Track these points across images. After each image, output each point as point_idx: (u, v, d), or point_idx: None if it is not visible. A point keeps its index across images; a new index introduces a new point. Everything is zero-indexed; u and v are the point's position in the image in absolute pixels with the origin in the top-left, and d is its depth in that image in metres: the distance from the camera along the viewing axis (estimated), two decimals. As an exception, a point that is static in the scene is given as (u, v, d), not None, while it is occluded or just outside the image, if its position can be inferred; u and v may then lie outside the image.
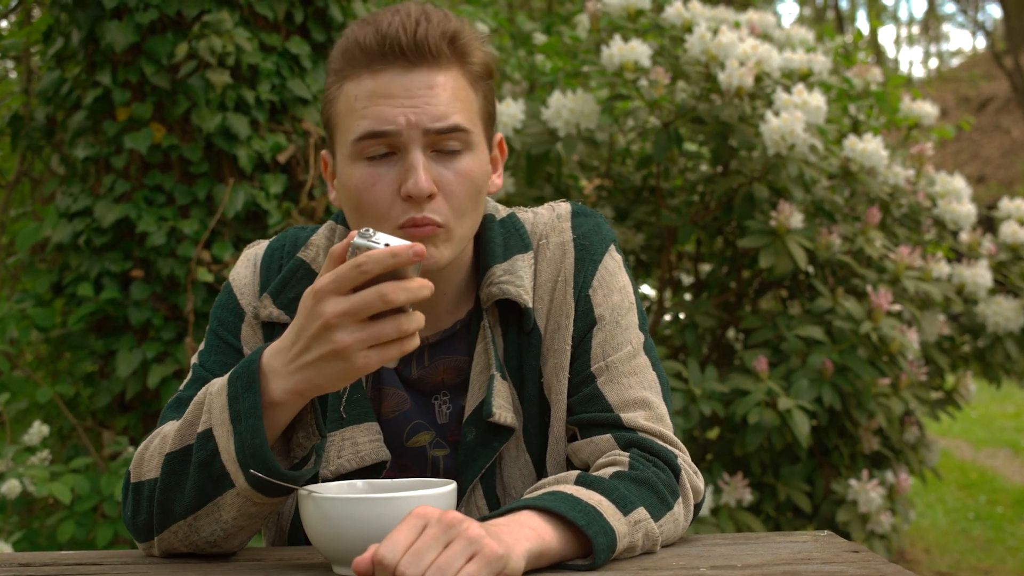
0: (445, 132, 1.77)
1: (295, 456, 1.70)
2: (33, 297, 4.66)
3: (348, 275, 1.51)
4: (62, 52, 4.73)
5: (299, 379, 1.58)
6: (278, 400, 1.61)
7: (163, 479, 1.70)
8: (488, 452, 1.86)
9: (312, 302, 1.55)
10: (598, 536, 1.60)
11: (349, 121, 1.79)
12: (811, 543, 1.80)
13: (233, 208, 4.46)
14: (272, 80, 4.62)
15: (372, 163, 1.78)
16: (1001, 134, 22.45)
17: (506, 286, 1.87)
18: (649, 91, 4.44)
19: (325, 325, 1.53)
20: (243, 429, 1.61)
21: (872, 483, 4.38)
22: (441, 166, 1.79)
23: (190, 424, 1.69)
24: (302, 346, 1.57)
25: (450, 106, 1.78)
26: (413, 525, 1.44)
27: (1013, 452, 10.62)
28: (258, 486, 1.64)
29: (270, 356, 1.62)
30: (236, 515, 1.69)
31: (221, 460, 1.64)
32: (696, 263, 5.31)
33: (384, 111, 1.76)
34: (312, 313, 1.55)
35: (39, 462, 4.17)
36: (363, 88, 1.78)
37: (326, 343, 1.54)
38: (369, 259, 1.50)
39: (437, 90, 1.77)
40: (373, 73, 1.77)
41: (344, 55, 1.80)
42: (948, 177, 4.98)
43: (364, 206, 1.79)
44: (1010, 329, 4.77)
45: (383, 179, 1.78)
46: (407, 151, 1.77)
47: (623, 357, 1.89)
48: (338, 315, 1.52)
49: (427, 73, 1.77)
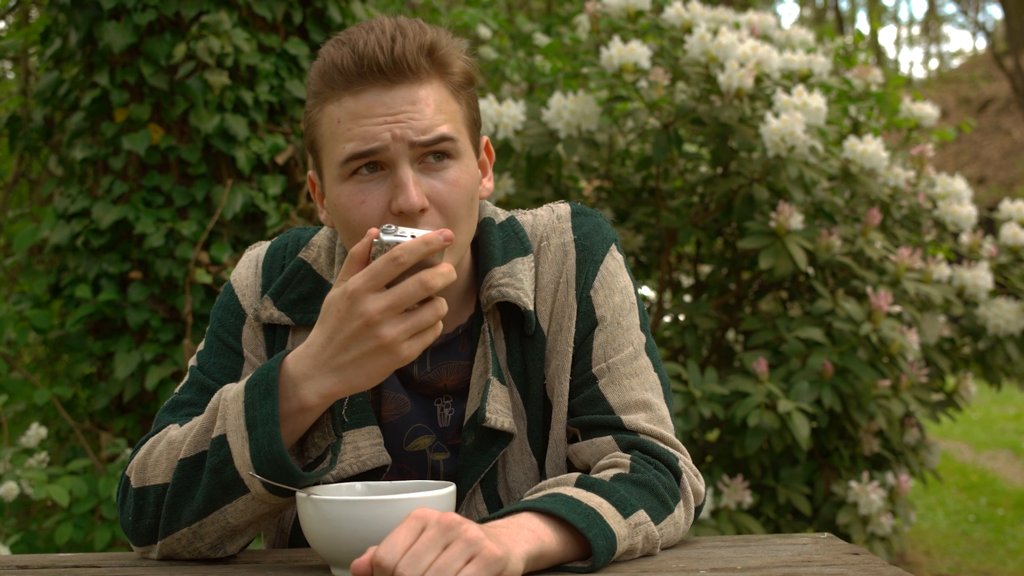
0: (431, 143, 1.77)
1: (309, 457, 1.72)
2: (31, 299, 4.66)
3: (384, 270, 1.55)
4: (60, 53, 4.72)
5: (335, 380, 1.62)
6: (310, 404, 1.64)
7: (175, 484, 1.71)
8: (487, 457, 1.86)
9: (347, 303, 1.58)
10: (598, 539, 1.60)
11: (334, 144, 1.78)
12: (811, 545, 1.80)
13: (231, 209, 4.45)
14: (271, 81, 4.61)
15: (360, 181, 1.77)
16: (1002, 135, 22.45)
17: (505, 288, 1.87)
18: (649, 92, 4.43)
19: (368, 323, 1.56)
20: (260, 435, 1.62)
21: (872, 485, 4.37)
22: (431, 178, 1.78)
23: (205, 430, 1.70)
24: (337, 347, 1.60)
25: (434, 118, 1.77)
26: (412, 527, 1.44)
27: (1014, 454, 10.61)
28: (273, 489, 1.65)
29: (296, 362, 1.64)
30: (247, 519, 1.71)
31: (234, 466, 1.65)
32: (696, 264, 5.30)
33: (368, 130, 1.75)
34: (350, 314, 1.57)
35: (37, 464, 4.16)
36: (345, 110, 1.76)
37: (370, 340, 1.57)
38: (405, 251, 1.54)
39: (420, 104, 1.76)
40: (354, 94, 1.76)
41: (323, 77, 1.79)
42: (949, 179, 4.97)
43: (355, 224, 1.78)
44: (1010, 331, 4.76)
45: (372, 196, 1.77)
46: (395, 167, 1.76)
47: (624, 358, 1.88)
48: (381, 311, 1.56)
49: (408, 89, 1.76)
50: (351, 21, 4.88)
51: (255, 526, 1.75)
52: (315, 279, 1.92)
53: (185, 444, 1.71)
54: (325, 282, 1.92)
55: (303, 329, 1.90)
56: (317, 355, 1.62)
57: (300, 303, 1.90)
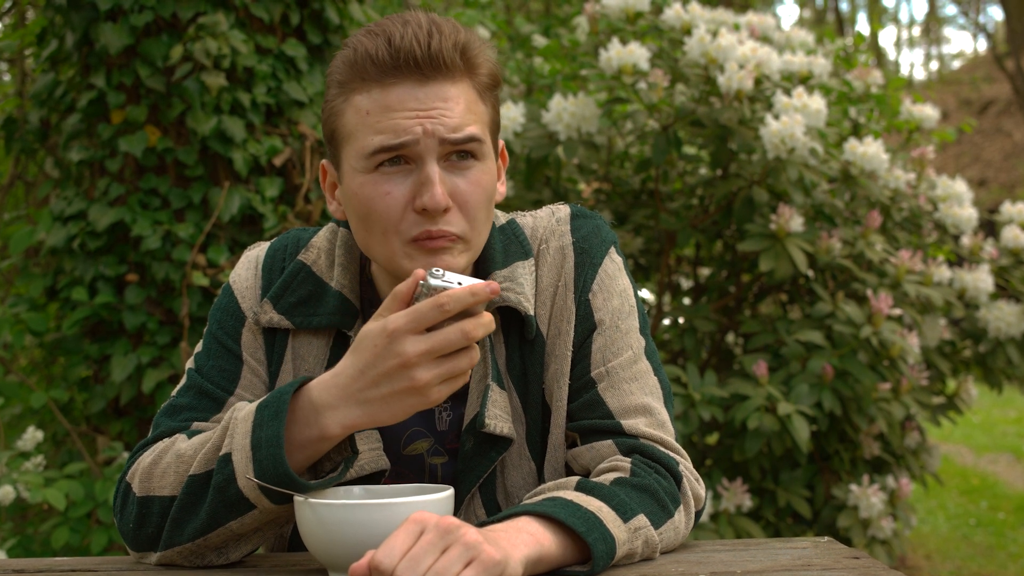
0: (461, 142, 1.77)
1: (322, 471, 1.73)
2: (27, 301, 4.64)
3: (428, 315, 1.55)
4: (56, 54, 4.70)
5: (360, 413, 1.62)
6: (331, 434, 1.64)
7: (182, 499, 1.71)
8: (486, 462, 1.85)
9: (386, 341, 1.57)
10: (597, 543, 1.60)
11: (361, 134, 1.77)
12: (811, 549, 1.80)
13: (228, 212, 4.43)
14: (268, 83, 4.59)
15: (385, 174, 1.76)
16: (1003, 137, 22.44)
17: (506, 293, 1.86)
18: (648, 94, 4.42)
19: (404, 364, 1.56)
20: (263, 457, 1.62)
21: (873, 488, 4.36)
22: (455, 176, 1.78)
23: (216, 449, 1.70)
24: (368, 382, 1.60)
25: (464, 117, 1.77)
26: (410, 531, 1.44)
27: (1015, 458, 10.61)
28: (279, 500, 1.66)
29: (323, 390, 1.64)
30: (251, 527, 1.71)
31: (237, 485, 1.66)
32: (695, 267, 5.29)
33: (399, 123, 1.74)
34: (388, 352, 1.57)
35: (33, 468, 4.14)
36: (375, 101, 1.75)
37: (403, 380, 1.57)
38: (451, 299, 1.55)
39: (451, 102, 1.76)
40: (386, 86, 1.75)
41: (352, 67, 1.77)
42: (949, 181, 4.97)
43: (374, 217, 1.77)
44: (1011, 334, 4.76)
45: (396, 190, 1.76)
46: (422, 163, 1.75)
47: (624, 363, 1.88)
48: (420, 354, 1.55)
49: (440, 85, 1.76)
50: (349, 22, 4.88)
51: (260, 533, 1.75)
52: (315, 281, 1.91)
53: (196, 460, 1.71)
54: (325, 284, 1.90)
55: (303, 332, 1.89)
56: (346, 386, 1.62)
57: (300, 306, 1.89)
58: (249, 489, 1.65)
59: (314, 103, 4.72)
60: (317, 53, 4.82)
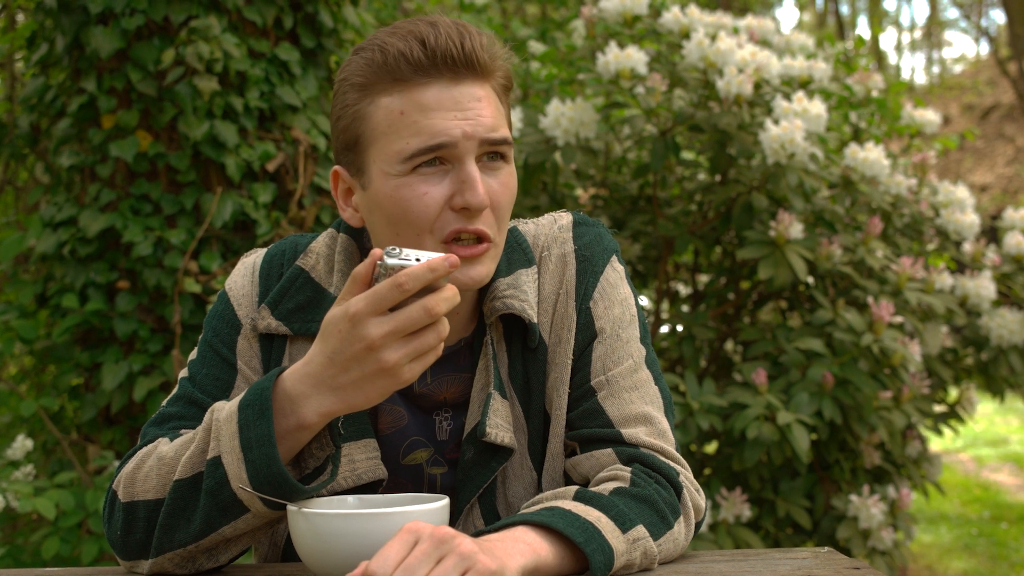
0: (497, 143, 1.77)
1: (306, 468, 1.72)
2: (17, 308, 4.63)
3: (387, 296, 1.54)
4: (46, 58, 4.68)
5: (334, 400, 1.61)
6: (308, 423, 1.64)
7: (169, 505, 1.70)
8: (486, 472, 1.85)
9: (349, 326, 1.56)
10: (596, 554, 1.60)
11: (395, 136, 1.75)
12: (811, 560, 1.81)
13: (221, 218, 4.41)
14: (261, 87, 4.57)
15: (422, 175, 1.75)
16: (1005, 142, 22.43)
17: (510, 300, 1.85)
18: (646, 99, 4.40)
19: (370, 347, 1.55)
20: (256, 457, 1.62)
21: (873, 498, 4.34)
22: (488, 177, 1.78)
23: (200, 451, 1.68)
24: (338, 368, 1.59)
25: (496, 118, 1.78)
26: (404, 540, 1.44)
27: (1017, 467, 10.62)
28: (274, 505, 1.66)
29: (295, 380, 1.63)
30: (242, 531, 1.71)
31: (231, 488, 1.65)
32: (694, 274, 5.27)
33: (437, 124, 1.73)
34: (352, 337, 1.56)
35: (23, 477, 4.13)
36: (410, 102, 1.74)
37: (371, 363, 1.57)
38: (409, 277, 1.54)
39: (483, 102, 1.77)
40: (417, 86, 1.74)
41: (380, 68, 1.75)
42: (951, 186, 4.95)
43: (411, 218, 1.75)
44: (1014, 342, 4.74)
45: (434, 190, 1.75)
46: (462, 163, 1.75)
47: (624, 371, 1.88)
48: (384, 335, 1.55)
49: (471, 86, 1.76)
50: (343, 26, 4.87)
51: (250, 536, 1.74)
52: (314, 287, 1.89)
53: (180, 464, 1.69)
54: (324, 290, 1.89)
55: (301, 339, 1.88)
56: (317, 374, 1.61)
57: (299, 312, 1.88)
58: (243, 491, 1.64)
59: (307, 108, 4.69)
60: (311, 57, 4.79)
